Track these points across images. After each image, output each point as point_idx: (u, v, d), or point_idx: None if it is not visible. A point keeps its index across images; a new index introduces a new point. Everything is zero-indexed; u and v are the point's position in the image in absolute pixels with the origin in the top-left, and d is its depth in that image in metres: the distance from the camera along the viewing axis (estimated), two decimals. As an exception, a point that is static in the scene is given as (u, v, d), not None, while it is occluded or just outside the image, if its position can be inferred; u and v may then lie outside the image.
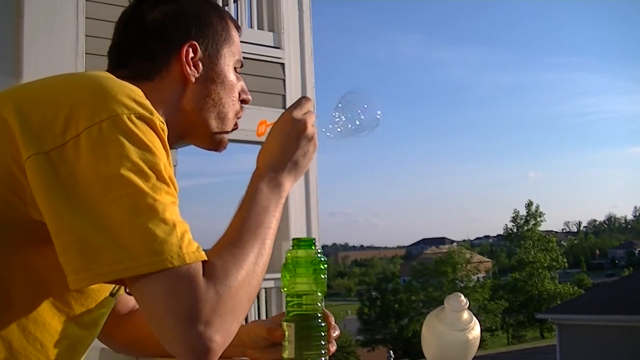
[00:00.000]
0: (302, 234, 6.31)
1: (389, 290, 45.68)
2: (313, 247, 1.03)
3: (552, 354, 21.95)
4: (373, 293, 47.59)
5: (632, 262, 75.04)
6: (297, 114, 1.09)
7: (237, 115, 1.18)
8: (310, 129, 1.09)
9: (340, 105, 1.18)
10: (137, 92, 0.92)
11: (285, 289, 1.03)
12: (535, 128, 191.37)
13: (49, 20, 4.41)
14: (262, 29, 6.66)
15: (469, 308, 1.23)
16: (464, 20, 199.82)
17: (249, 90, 1.21)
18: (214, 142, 1.17)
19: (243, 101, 1.19)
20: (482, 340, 1.39)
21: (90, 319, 1.05)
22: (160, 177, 0.87)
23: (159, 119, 0.92)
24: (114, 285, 1.06)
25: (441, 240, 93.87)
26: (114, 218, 0.83)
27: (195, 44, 1.11)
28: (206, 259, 0.87)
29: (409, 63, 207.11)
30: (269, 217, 0.98)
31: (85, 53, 4.64)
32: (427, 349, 1.23)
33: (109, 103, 0.88)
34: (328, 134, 1.16)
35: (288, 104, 7.45)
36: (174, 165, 8.76)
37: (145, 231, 0.82)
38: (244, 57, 1.21)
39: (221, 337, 0.84)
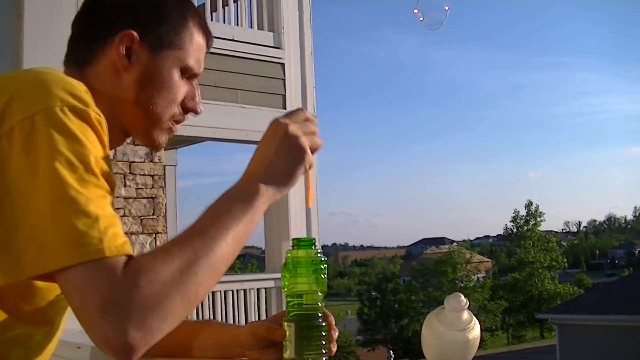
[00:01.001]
0: (302, 234, 6.31)
1: (389, 290, 45.71)
2: (313, 247, 1.03)
3: (552, 354, 21.95)
4: (373, 293, 47.61)
5: (632, 262, 75.07)
6: (282, 119, 1.01)
7: (173, 119, 1.11)
8: (292, 132, 1.00)
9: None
10: (76, 86, 0.91)
11: (286, 289, 1.03)
12: (535, 128, 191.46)
13: (49, 20, 4.41)
14: (262, 29, 6.66)
15: (469, 308, 1.23)
16: (464, 20, 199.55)
17: (250, 91, 1.18)
18: (148, 141, 1.13)
19: (187, 109, 1.13)
20: (482, 340, 1.39)
21: (43, 318, 1.02)
22: (88, 169, 0.85)
23: (94, 112, 0.90)
24: None
25: (441, 240, 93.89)
26: (37, 212, 0.82)
27: (132, 33, 1.05)
28: (132, 254, 0.84)
29: (409, 63, 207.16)
30: (228, 217, 0.91)
31: (85, 53, 4.63)
32: (427, 349, 1.23)
33: (43, 96, 0.87)
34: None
35: (288, 104, 7.46)
36: (173, 166, 8.68)
37: (66, 224, 0.81)
38: (244, 57, 1.19)
39: (140, 332, 0.79)
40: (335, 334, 1.09)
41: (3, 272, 0.84)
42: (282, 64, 6.69)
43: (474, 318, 1.22)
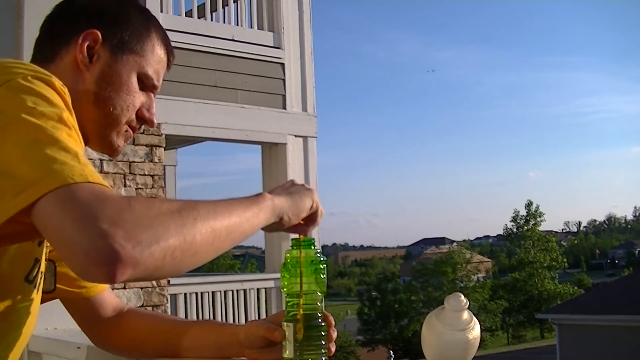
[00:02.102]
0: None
1: (389, 290, 45.69)
2: (312, 247, 1.03)
3: (552, 354, 21.95)
4: (373, 293, 47.59)
5: (632, 262, 75.06)
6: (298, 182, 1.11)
7: (130, 125, 1.12)
8: (307, 186, 1.09)
9: None
10: (34, 66, 0.91)
11: (285, 289, 1.03)
12: (535, 128, 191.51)
13: (48, 20, 4.42)
14: (262, 29, 6.66)
15: (469, 308, 1.23)
16: (464, 20, 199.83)
17: (250, 91, 1.18)
18: (104, 145, 1.12)
19: (143, 119, 1.13)
20: (482, 340, 1.39)
21: (8, 309, 0.98)
22: (60, 120, 0.83)
23: (58, 82, 0.89)
24: (27, 270, 1.02)
25: (441, 240, 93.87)
26: (11, 157, 0.78)
27: (96, 33, 1.07)
28: (107, 186, 0.80)
29: (409, 63, 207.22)
30: (234, 202, 0.92)
31: (85, 53, 4.63)
32: (427, 349, 1.23)
33: (4, 72, 0.87)
34: None
35: (288, 104, 7.43)
36: (173, 166, 8.67)
37: (44, 157, 0.78)
38: (244, 57, 1.19)
39: (131, 244, 0.73)
40: (335, 334, 1.09)
41: None
42: (282, 64, 6.69)
43: (474, 318, 1.22)
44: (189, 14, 6.55)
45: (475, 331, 1.21)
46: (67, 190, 0.75)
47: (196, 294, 6.21)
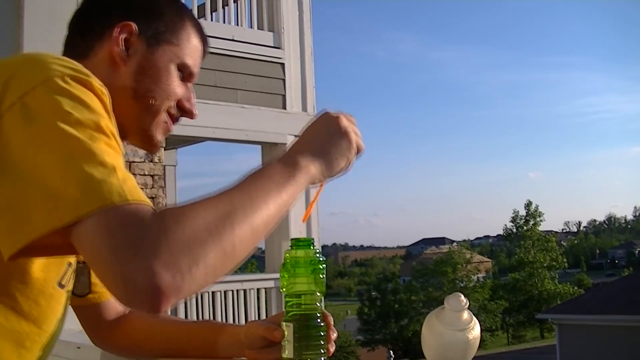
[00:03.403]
0: (302, 234, 6.31)
1: (389, 290, 45.71)
2: (311, 247, 1.03)
3: (552, 354, 21.96)
4: (373, 293, 47.62)
5: (632, 262, 75.10)
6: (333, 112, 1.02)
7: (169, 113, 1.10)
8: (343, 124, 1.00)
9: None
10: (73, 62, 0.87)
11: (284, 289, 1.03)
12: (535, 128, 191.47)
13: (49, 20, 4.41)
14: (262, 29, 6.66)
15: (469, 308, 1.23)
16: (464, 20, 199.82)
17: (250, 91, 1.17)
18: (144, 139, 1.10)
19: (184, 110, 1.12)
20: (482, 340, 1.39)
21: (40, 313, 0.97)
22: (98, 129, 0.80)
23: (97, 82, 0.86)
24: (60, 274, 1.00)
25: (441, 240, 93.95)
26: (46, 170, 0.76)
27: (131, 25, 1.05)
28: (152, 206, 0.77)
29: (409, 63, 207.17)
30: (269, 183, 0.86)
31: (85, 53, 4.63)
32: (427, 349, 1.23)
33: (42, 70, 0.83)
34: None
35: (288, 104, 7.43)
36: (173, 166, 8.66)
37: (80, 174, 0.75)
38: (244, 57, 1.18)
39: (169, 272, 0.71)
40: (334, 335, 1.09)
41: (9, 236, 0.77)
42: (282, 64, 6.69)
43: (474, 318, 1.22)
44: (189, 14, 6.54)
45: (475, 331, 1.21)
46: (104, 215, 0.73)
47: (196, 294, 6.20)
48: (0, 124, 0.80)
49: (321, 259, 1.03)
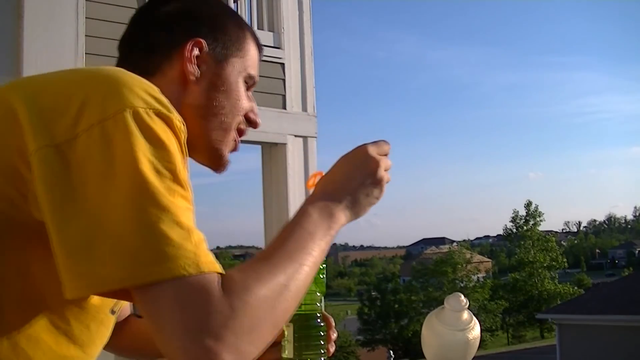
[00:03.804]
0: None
1: (389, 290, 45.64)
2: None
3: (552, 354, 21.95)
4: (373, 293, 47.54)
5: (632, 262, 75.08)
6: (373, 151, 1.00)
7: (240, 133, 1.10)
8: (380, 172, 1.00)
9: None
10: (154, 88, 0.85)
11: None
12: (535, 128, 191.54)
13: (49, 20, 4.40)
14: (262, 29, 6.65)
15: (469, 308, 1.23)
16: (464, 20, 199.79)
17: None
18: (214, 158, 1.08)
19: (250, 122, 1.11)
20: (482, 340, 1.39)
21: (88, 338, 0.95)
22: (176, 179, 0.79)
23: (177, 119, 0.84)
24: (114, 302, 0.99)
25: (441, 240, 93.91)
26: (123, 220, 0.74)
27: (201, 42, 1.03)
28: (222, 272, 0.78)
29: (409, 63, 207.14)
30: (312, 243, 0.88)
31: (85, 53, 4.63)
32: (427, 349, 1.23)
33: (125, 96, 0.80)
34: None
35: (288, 104, 7.41)
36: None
37: (158, 234, 0.74)
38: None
39: (232, 356, 0.74)
40: (334, 335, 1.08)
41: (75, 279, 0.75)
42: (282, 64, 6.68)
43: (474, 318, 1.22)
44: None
45: (475, 331, 1.21)
46: (177, 285, 0.73)
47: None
48: (75, 144, 0.78)
49: (321, 259, 1.02)
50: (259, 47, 1.14)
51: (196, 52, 1.03)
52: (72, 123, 0.79)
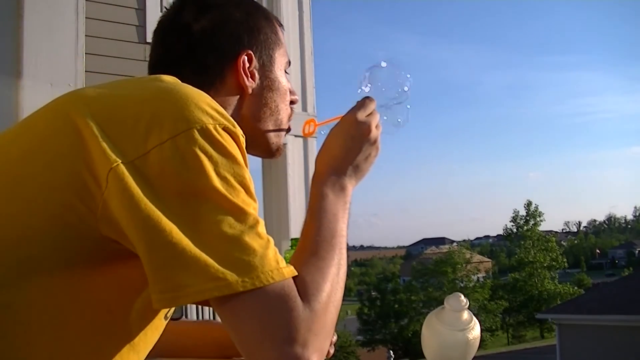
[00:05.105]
0: (302, 234, 6.30)
1: (389, 290, 45.62)
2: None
3: (552, 354, 21.94)
4: (373, 293, 47.53)
5: (632, 262, 75.01)
6: (361, 115, 1.05)
7: (289, 118, 1.14)
8: (373, 132, 1.05)
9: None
10: (218, 105, 0.87)
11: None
12: (535, 128, 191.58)
13: (49, 20, 4.40)
14: (262, 29, 6.66)
15: (469, 308, 1.23)
16: (464, 21, 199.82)
17: None
18: (271, 151, 1.13)
19: (292, 102, 1.15)
20: (482, 340, 1.39)
21: (144, 344, 0.97)
22: (248, 192, 0.83)
23: (241, 133, 0.87)
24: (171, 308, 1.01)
25: (441, 240, 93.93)
26: (209, 233, 0.77)
27: (250, 53, 1.06)
28: (297, 274, 0.82)
29: (409, 63, 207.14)
30: (339, 224, 0.96)
31: (85, 53, 4.62)
32: (427, 349, 1.23)
33: (194, 112, 0.82)
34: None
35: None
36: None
37: (243, 246, 0.78)
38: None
39: (317, 357, 0.79)
40: (334, 338, 1.09)
41: (162, 292, 0.77)
42: (282, 64, 6.69)
43: (474, 318, 1.22)
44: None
45: (475, 331, 1.21)
46: (261, 295, 0.77)
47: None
48: (147, 160, 0.79)
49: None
50: (281, 25, 1.17)
51: (247, 64, 1.06)
52: (142, 139, 0.80)
